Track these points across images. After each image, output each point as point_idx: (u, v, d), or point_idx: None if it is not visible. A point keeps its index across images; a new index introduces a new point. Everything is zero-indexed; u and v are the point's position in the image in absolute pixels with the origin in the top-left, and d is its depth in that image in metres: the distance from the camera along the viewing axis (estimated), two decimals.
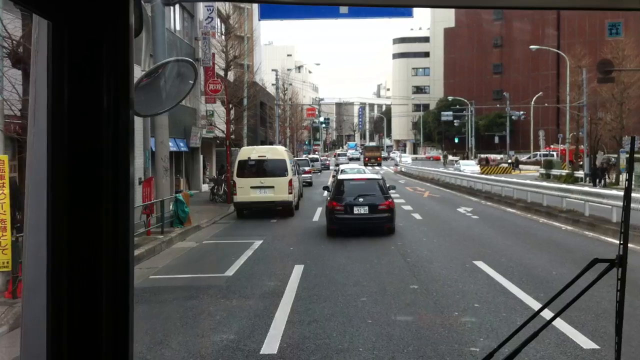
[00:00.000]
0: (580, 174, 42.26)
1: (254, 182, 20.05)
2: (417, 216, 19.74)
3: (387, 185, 16.23)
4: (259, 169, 20.48)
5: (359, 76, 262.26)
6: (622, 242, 1.38)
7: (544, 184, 22.27)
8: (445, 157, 74.30)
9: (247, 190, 19.93)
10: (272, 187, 20.02)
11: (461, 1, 1.30)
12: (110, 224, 0.97)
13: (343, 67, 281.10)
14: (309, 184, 37.78)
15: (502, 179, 26.90)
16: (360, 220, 14.93)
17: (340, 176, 17.89)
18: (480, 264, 10.98)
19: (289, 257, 12.32)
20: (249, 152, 21.03)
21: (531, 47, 48.20)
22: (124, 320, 0.99)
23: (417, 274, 10.30)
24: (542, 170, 48.89)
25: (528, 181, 23.74)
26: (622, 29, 35.82)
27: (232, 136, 29.31)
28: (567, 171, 45.62)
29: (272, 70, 56.93)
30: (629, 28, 40.60)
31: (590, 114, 43.66)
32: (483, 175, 25.79)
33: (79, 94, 0.95)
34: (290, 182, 20.12)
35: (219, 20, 32.90)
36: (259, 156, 20.50)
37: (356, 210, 14.91)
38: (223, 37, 30.12)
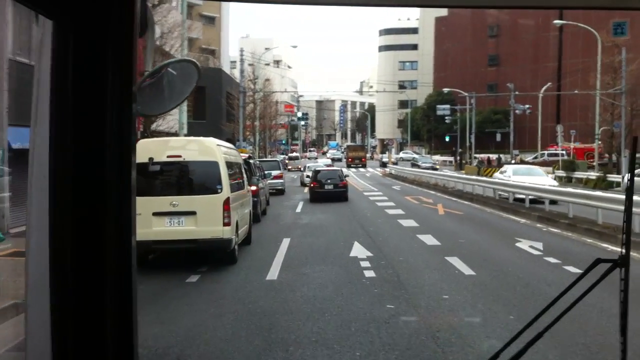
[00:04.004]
0: (616, 177, 33.95)
1: (161, 203, 10.71)
2: (462, 267, 10.51)
3: (344, 173, 28.27)
4: (171, 179, 11.19)
5: (341, 73, 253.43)
6: (624, 242, 1.37)
7: None
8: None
9: (147, 218, 10.60)
10: (193, 213, 10.74)
11: (462, 0, 1.24)
12: (112, 223, 0.95)
13: (324, 63, 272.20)
14: (281, 192, 29.15)
15: (578, 191, 17.82)
16: (329, 193, 25.63)
17: (317, 168, 31.43)
18: None
19: None
20: (155, 148, 11.35)
21: (555, 22, 39.18)
22: (127, 319, 0.97)
23: None
24: (561, 173, 40.23)
25: None
26: (627, 28, 34.20)
27: (162, 125, 20.01)
28: (596, 174, 37.08)
29: (244, 53, 47.60)
30: None
31: (631, 102, 35.31)
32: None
33: (83, 94, 0.94)
34: (227, 202, 10.83)
35: None
36: (169, 156, 11.07)
37: (326, 187, 25.97)
38: None
